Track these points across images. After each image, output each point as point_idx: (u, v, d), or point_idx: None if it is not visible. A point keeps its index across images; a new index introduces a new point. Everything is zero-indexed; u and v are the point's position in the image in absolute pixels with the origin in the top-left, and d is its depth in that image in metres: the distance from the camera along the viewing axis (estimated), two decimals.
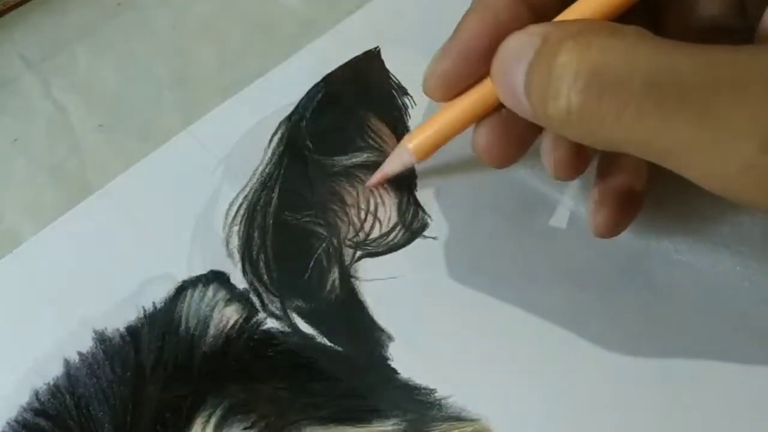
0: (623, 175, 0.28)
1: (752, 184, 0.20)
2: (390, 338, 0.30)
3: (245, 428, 0.28)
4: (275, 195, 0.32)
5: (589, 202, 0.28)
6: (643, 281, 0.30)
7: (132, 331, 0.30)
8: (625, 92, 0.20)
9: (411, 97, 0.34)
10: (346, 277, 0.31)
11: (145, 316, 0.30)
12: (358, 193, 0.32)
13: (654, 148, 0.21)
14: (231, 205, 0.32)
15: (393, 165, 0.30)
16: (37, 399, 0.29)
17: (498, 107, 0.26)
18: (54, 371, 0.29)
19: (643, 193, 0.28)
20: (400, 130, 0.34)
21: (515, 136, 0.27)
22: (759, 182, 0.20)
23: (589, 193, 0.29)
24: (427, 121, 0.29)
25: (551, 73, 0.21)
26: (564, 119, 0.21)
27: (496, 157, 0.28)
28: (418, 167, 0.33)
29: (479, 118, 0.27)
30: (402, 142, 0.30)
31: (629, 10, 0.24)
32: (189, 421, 0.28)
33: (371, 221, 0.32)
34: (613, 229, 0.28)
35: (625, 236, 0.30)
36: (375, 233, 0.32)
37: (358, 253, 0.31)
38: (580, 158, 0.27)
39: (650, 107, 0.20)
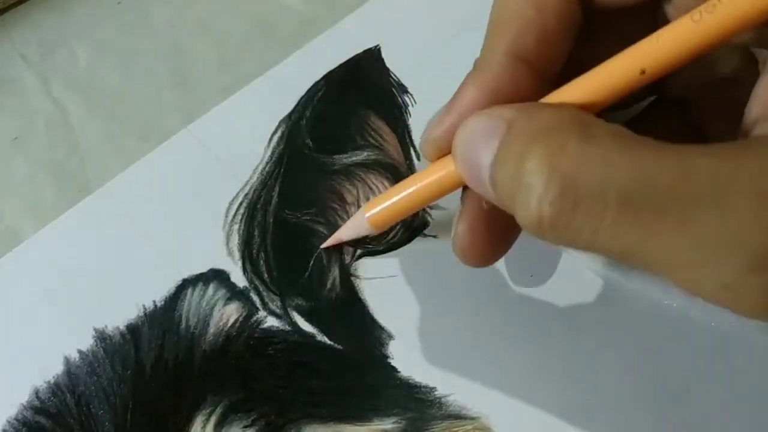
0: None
1: (733, 301, 0.19)
2: (390, 336, 0.30)
3: (245, 426, 0.28)
4: (275, 193, 0.32)
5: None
6: (645, 280, 0.30)
7: (132, 330, 0.30)
8: (601, 206, 0.19)
9: (411, 95, 0.34)
10: (346, 275, 0.31)
11: (145, 314, 0.30)
12: (358, 192, 0.32)
13: (635, 260, 0.20)
14: (231, 203, 0.32)
15: (348, 232, 0.29)
16: (38, 397, 0.29)
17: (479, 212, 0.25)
18: (54, 369, 0.29)
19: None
20: (399, 128, 0.34)
21: (497, 235, 0.26)
22: (745, 300, 0.19)
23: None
24: (389, 191, 0.27)
25: (520, 178, 0.20)
26: (536, 227, 0.20)
27: (478, 258, 0.26)
28: (418, 166, 0.33)
29: (443, 194, 0.25)
30: (361, 210, 0.28)
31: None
32: (189, 419, 0.28)
33: None
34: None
35: None
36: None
37: (358, 251, 0.31)
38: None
39: (627, 221, 0.19)
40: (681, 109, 0.27)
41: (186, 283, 0.31)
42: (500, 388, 0.29)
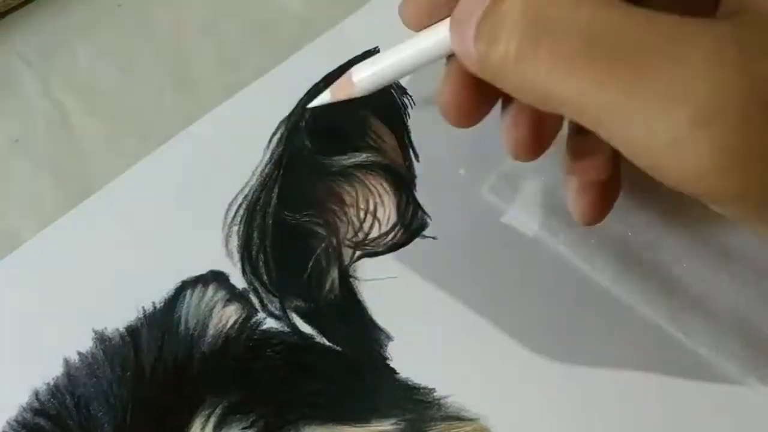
0: (597, 158, 0.25)
1: (678, 160, 0.19)
2: (389, 338, 0.30)
3: (244, 428, 0.28)
4: (274, 195, 0.32)
5: (568, 191, 0.26)
6: (645, 280, 0.30)
7: (132, 331, 0.30)
8: (562, 43, 0.19)
9: (410, 96, 0.34)
10: (345, 276, 0.31)
11: (144, 316, 0.30)
12: (357, 193, 0.32)
13: (585, 110, 0.20)
14: (230, 205, 0.32)
15: (337, 95, 0.29)
16: (37, 399, 0.29)
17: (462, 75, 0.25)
18: (54, 371, 0.29)
19: (619, 175, 0.26)
20: (399, 129, 0.34)
21: (481, 91, 0.25)
22: (685, 158, 0.18)
23: (566, 181, 0.27)
24: (379, 56, 0.27)
25: (495, 19, 0.20)
26: (501, 65, 0.20)
27: (463, 115, 0.26)
28: (418, 167, 0.33)
29: (434, 60, 0.26)
30: (349, 72, 0.28)
31: None
32: (188, 420, 0.28)
33: (370, 221, 0.32)
34: (597, 215, 0.26)
35: (625, 232, 0.30)
36: (374, 233, 0.32)
37: (357, 252, 0.31)
38: (540, 137, 0.25)
39: (584, 63, 0.19)
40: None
41: (185, 285, 0.31)
42: (499, 389, 0.29)
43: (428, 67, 0.26)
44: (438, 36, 0.25)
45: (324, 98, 0.29)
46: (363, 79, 0.27)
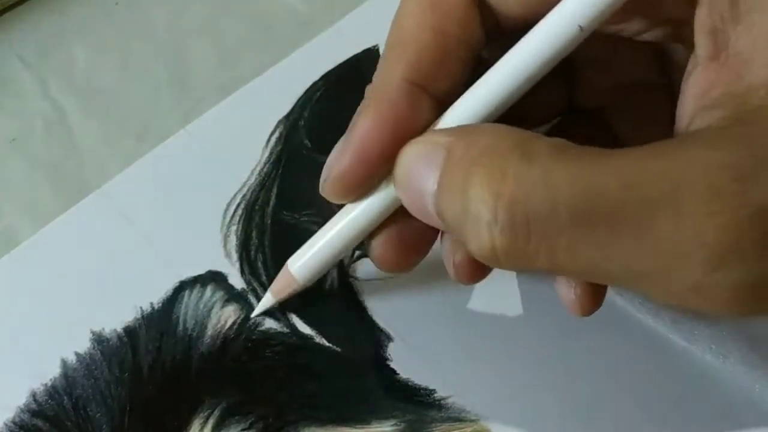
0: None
1: (703, 302, 0.19)
2: (389, 338, 0.30)
3: (243, 429, 0.28)
4: (273, 194, 0.32)
5: (443, 249, 0.26)
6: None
7: (129, 332, 0.30)
8: (553, 227, 0.18)
9: None
10: (345, 276, 0.31)
11: (142, 316, 0.30)
12: None
13: (599, 276, 0.19)
14: (229, 204, 0.32)
15: (279, 294, 0.29)
16: (35, 400, 0.29)
17: (394, 218, 0.25)
18: (51, 372, 0.29)
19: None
20: None
21: (413, 242, 0.25)
22: (709, 300, 0.18)
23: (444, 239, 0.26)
24: (312, 239, 0.27)
25: (467, 207, 0.19)
26: (490, 257, 0.19)
27: (395, 267, 0.26)
28: None
29: (371, 230, 0.25)
30: (286, 265, 0.28)
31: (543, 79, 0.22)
32: (187, 422, 0.28)
33: None
34: (472, 275, 0.26)
35: None
36: None
37: (357, 252, 0.31)
38: (479, 266, 0.25)
39: (583, 238, 0.18)
40: (595, 119, 0.27)
41: (183, 285, 0.30)
42: (500, 390, 0.29)
43: None
44: (372, 205, 0.24)
45: (267, 301, 0.29)
46: (300, 266, 0.27)
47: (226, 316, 0.30)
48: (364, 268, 0.31)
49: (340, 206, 0.26)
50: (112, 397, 0.28)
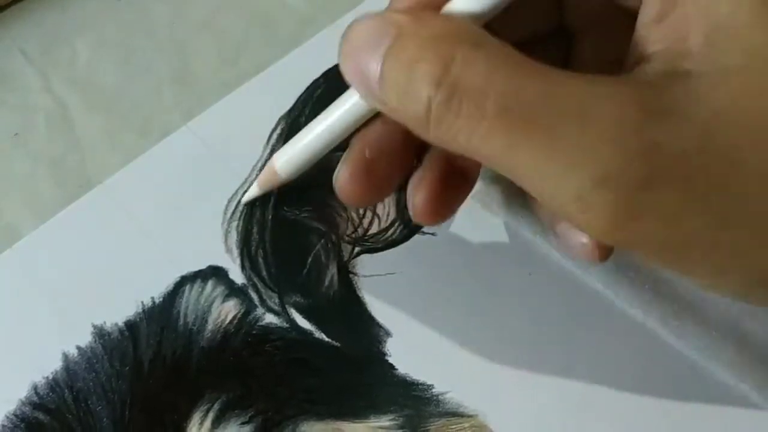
0: (449, 155, 0.26)
1: (583, 215, 0.20)
2: (388, 334, 0.30)
3: (243, 423, 0.28)
4: (274, 191, 0.32)
5: (409, 185, 0.26)
6: (643, 279, 0.30)
7: (130, 326, 0.30)
8: (480, 111, 0.20)
9: None
10: (345, 272, 0.31)
11: (143, 310, 0.30)
12: None
13: (503, 166, 0.21)
14: (230, 200, 0.32)
15: (263, 185, 0.29)
16: (36, 393, 0.29)
17: (367, 119, 0.25)
18: (53, 365, 0.29)
19: (473, 174, 0.27)
20: None
21: (376, 180, 0.26)
22: (588, 213, 0.20)
23: (411, 178, 0.26)
24: (297, 136, 0.27)
25: (411, 80, 0.21)
26: (422, 125, 0.21)
27: (357, 201, 0.27)
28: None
29: (349, 132, 0.26)
30: (271, 160, 0.28)
31: None
32: (187, 415, 0.28)
33: (370, 217, 0.32)
34: (430, 216, 0.26)
35: None
36: (373, 229, 0.32)
37: (357, 249, 0.31)
38: (442, 203, 0.26)
39: (500, 129, 0.20)
40: (564, 44, 0.27)
41: (184, 280, 0.31)
42: (497, 385, 0.29)
43: None
44: (349, 104, 0.25)
45: (252, 192, 0.30)
46: (285, 162, 0.27)
47: (227, 310, 0.30)
48: (364, 264, 0.31)
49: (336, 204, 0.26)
50: (113, 391, 0.29)
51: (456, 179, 0.26)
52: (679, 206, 0.20)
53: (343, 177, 0.26)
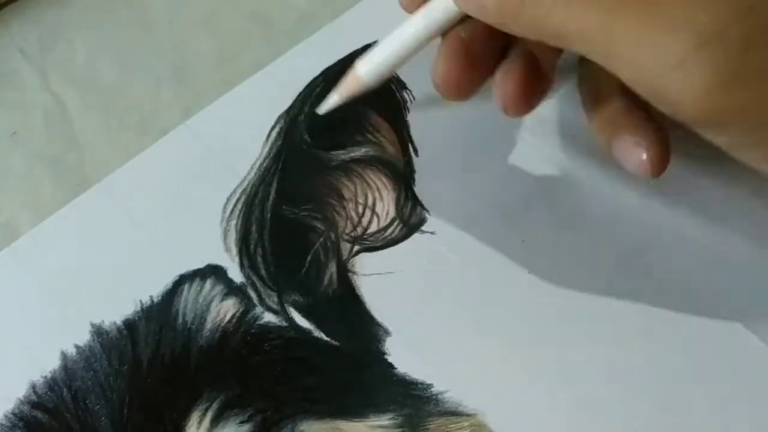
0: (528, 46, 0.27)
1: (685, 80, 0.20)
2: (387, 333, 0.30)
3: (241, 422, 0.28)
4: (273, 189, 0.32)
5: (496, 77, 0.28)
6: (642, 277, 0.30)
7: (129, 325, 0.30)
8: None
9: (410, 91, 0.34)
10: (344, 271, 0.31)
11: (142, 309, 0.30)
12: (356, 188, 0.32)
13: (596, 42, 0.21)
14: (229, 198, 0.32)
15: (344, 93, 0.30)
16: (35, 392, 0.29)
17: (451, 25, 0.26)
18: (51, 364, 0.29)
19: (552, 69, 0.28)
20: (398, 124, 0.33)
21: (473, 63, 0.27)
22: (691, 77, 0.20)
23: (498, 69, 0.28)
24: (380, 44, 0.28)
25: None
26: (514, 9, 0.22)
27: (454, 86, 0.27)
28: (417, 162, 0.33)
29: (432, 37, 0.27)
30: (354, 67, 0.29)
31: None
32: (185, 414, 0.28)
33: (369, 216, 0.32)
34: (520, 104, 0.27)
35: (624, 230, 0.30)
36: (373, 228, 0.32)
37: (356, 247, 0.31)
38: (529, 93, 0.27)
39: (596, 1, 0.21)
40: None
41: (183, 279, 0.31)
42: (497, 385, 0.29)
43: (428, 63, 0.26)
44: (435, 11, 0.26)
45: (333, 100, 0.30)
46: (369, 71, 0.28)
47: (226, 309, 0.30)
48: (363, 263, 0.31)
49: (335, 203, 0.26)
50: (112, 390, 0.28)
51: (538, 75, 0.27)
52: None
53: (441, 61, 0.27)
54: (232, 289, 0.30)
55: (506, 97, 0.27)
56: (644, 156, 0.26)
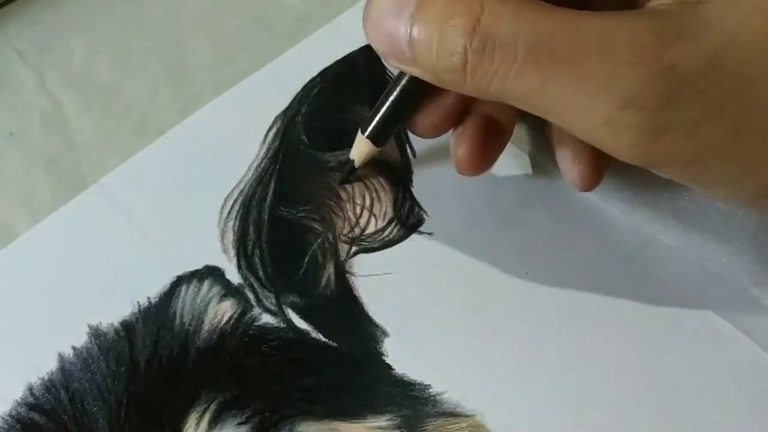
0: (487, 106, 0.29)
1: (611, 138, 0.22)
2: (385, 334, 0.30)
3: (239, 423, 0.28)
4: (270, 190, 0.32)
5: (451, 137, 0.29)
6: (641, 278, 0.30)
7: (126, 326, 0.30)
8: (512, 54, 0.22)
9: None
10: (342, 272, 0.31)
11: (139, 311, 0.30)
12: (353, 189, 0.32)
13: (535, 104, 0.23)
14: (226, 200, 0.32)
15: (358, 157, 0.30)
16: (32, 394, 0.29)
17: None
18: (48, 366, 0.29)
19: (508, 127, 0.29)
20: None
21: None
22: (617, 135, 0.22)
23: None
24: (375, 107, 0.29)
25: (443, 31, 0.23)
26: (458, 76, 0.23)
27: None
28: (415, 163, 0.33)
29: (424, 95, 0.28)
30: (359, 133, 0.29)
31: None
32: (183, 416, 0.28)
33: (367, 217, 0.32)
34: (475, 164, 0.29)
35: (621, 230, 0.30)
36: (370, 229, 0.32)
37: (354, 248, 0.31)
38: (481, 157, 0.29)
39: (531, 68, 0.22)
40: None
41: (180, 280, 0.30)
42: (495, 385, 0.29)
43: None
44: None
45: (349, 169, 0.31)
46: (374, 133, 0.29)
47: (223, 310, 0.30)
48: (361, 264, 0.31)
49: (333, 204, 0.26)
50: (109, 391, 0.28)
51: (493, 133, 0.29)
52: (698, 119, 0.22)
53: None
54: (230, 291, 0.30)
55: (457, 162, 0.29)
56: (576, 172, 0.28)
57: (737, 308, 0.29)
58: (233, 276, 0.31)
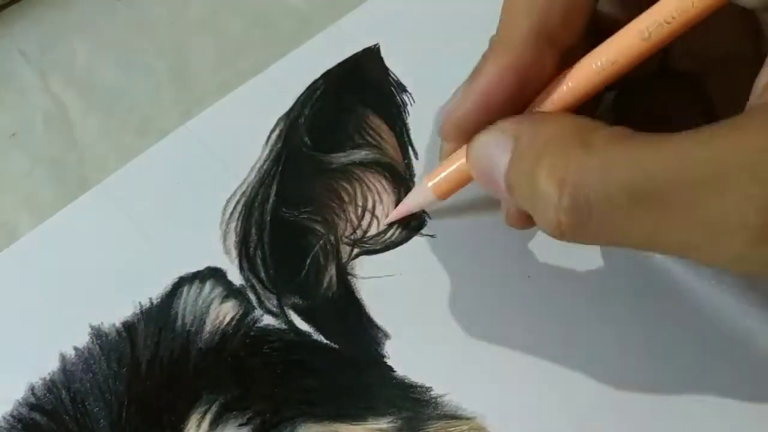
0: None
1: (747, 270, 0.22)
2: (386, 336, 0.30)
3: (240, 425, 0.28)
4: (273, 191, 0.32)
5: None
6: (642, 280, 0.30)
7: (128, 327, 0.30)
8: (610, 208, 0.20)
9: (410, 94, 0.34)
10: (343, 274, 0.31)
11: (141, 311, 0.30)
12: (356, 191, 0.32)
13: (652, 249, 0.22)
14: (228, 201, 0.32)
15: (414, 202, 0.30)
16: (33, 394, 0.29)
17: None
18: (50, 366, 0.29)
19: None
20: (398, 127, 0.33)
21: None
22: (753, 269, 0.21)
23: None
24: (449, 159, 0.28)
25: (535, 191, 0.22)
26: (556, 234, 0.22)
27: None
28: (417, 165, 0.33)
29: None
30: (423, 180, 0.29)
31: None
32: (184, 417, 0.28)
33: (369, 219, 0.32)
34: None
35: None
36: (372, 231, 0.32)
37: (356, 250, 0.31)
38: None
39: (639, 216, 0.20)
40: (690, 83, 0.28)
41: (182, 281, 0.31)
42: (496, 388, 0.29)
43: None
44: None
45: (400, 211, 0.31)
46: (435, 183, 0.29)
47: (225, 312, 0.30)
48: (363, 266, 0.31)
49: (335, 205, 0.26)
50: (111, 392, 0.28)
51: None
52: None
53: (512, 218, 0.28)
54: (232, 292, 0.30)
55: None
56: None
57: (737, 310, 0.29)
58: (235, 277, 0.31)
